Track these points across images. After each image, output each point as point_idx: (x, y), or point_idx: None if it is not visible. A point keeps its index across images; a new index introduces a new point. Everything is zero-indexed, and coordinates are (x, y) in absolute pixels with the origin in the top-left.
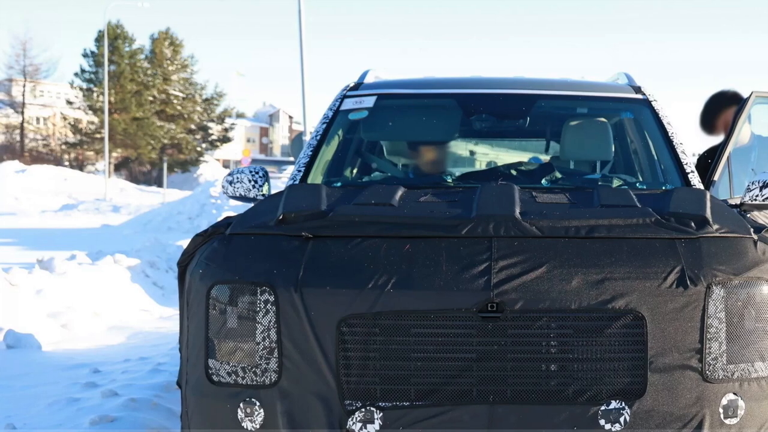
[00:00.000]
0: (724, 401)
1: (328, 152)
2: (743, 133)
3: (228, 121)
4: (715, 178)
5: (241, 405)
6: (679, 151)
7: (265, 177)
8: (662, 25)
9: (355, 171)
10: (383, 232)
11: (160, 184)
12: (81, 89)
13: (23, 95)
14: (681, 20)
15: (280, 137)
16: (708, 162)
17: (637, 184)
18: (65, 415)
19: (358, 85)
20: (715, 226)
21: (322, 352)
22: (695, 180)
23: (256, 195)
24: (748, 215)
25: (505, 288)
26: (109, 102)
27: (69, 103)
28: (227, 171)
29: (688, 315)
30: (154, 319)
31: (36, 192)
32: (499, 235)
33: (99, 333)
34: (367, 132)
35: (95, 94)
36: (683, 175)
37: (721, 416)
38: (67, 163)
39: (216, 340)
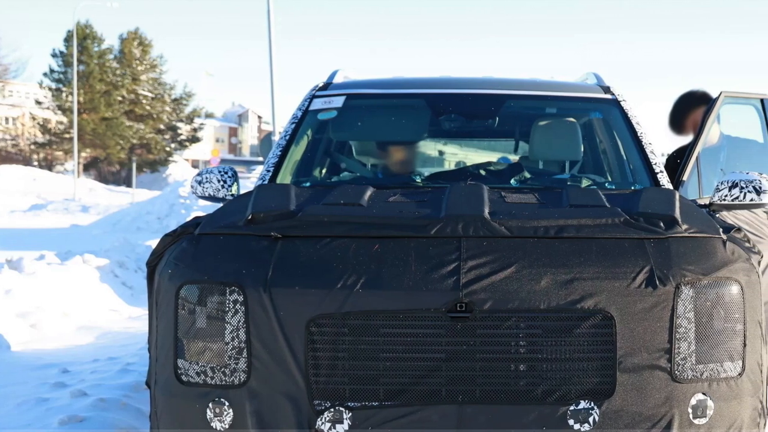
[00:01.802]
0: (693, 401)
1: (297, 152)
2: (712, 133)
3: (197, 121)
4: (684, 178)
5: (210, 405)
6: (648, 151)
7: (234, 177)
8: (631, 26)
9: (324, 171)
10: (352, 232)
11: (129, 184)
12: (50, 89)
13: None
14: (650, 20)
15: (249, 137)
16: (677, 162)
17: (606, 184)
18: (34, 415)
19: (327, 85)
20: (684, 226)
21: (291, 352)
22: (664, 180)
23: (225, 195)
24: (717, 215)
25: (474, 288)
26: (78, 102)
27: (38, 103)
28: (196, 171)
29: (657, 315)
30: (123, 319)
31: (5, 192)
32: (468, 235)
33: (68, 333)
34: (336, 132)
35: (64, 94)
36: (652, 175)
37: (690, 416)
38: (36, 163)
39: (185, 340)
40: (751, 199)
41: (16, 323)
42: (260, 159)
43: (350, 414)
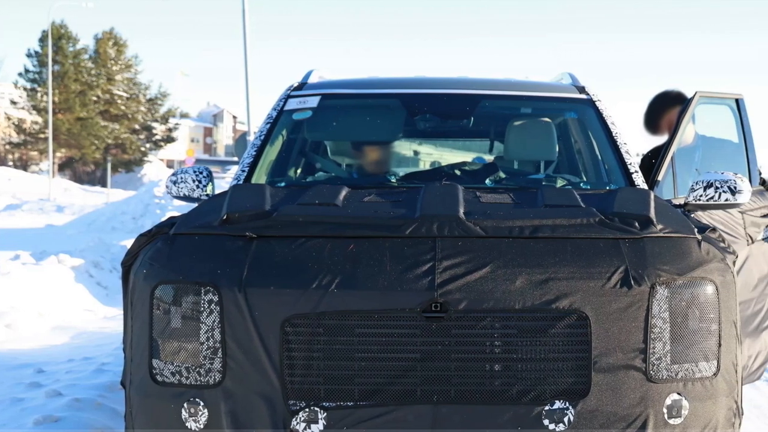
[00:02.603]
0: (668, 401)
1: (272, 152)
2: (687, 133)
3: (172, 121)
4: (659, 178)
5: (185, 405)
6: (623, 150)
7: (209, 177)
8: (606, 26)
9: (299, 171)
10: (327, 232)
11: (104, 184)
12: (25, 89)
13: None
14: (625, 20)
15: (224, 137)
16: (652, 162)
17: (581, 184)
18: (9, 415)
19: (302, 85)
20: (659, 226)
21: (266, 352)
22: (639, 180)
23: (200, 195)
24: (692, 215)
25: (449, 288)
26: (53, 102)
27: (13, 103)
28: (171, 171)
29: (632, 315)
30: (98, 319)
31: None
32: (443, 235)
33: (43, 333)
34: (311, 132)
35: (39, 94)
36: (627, 175)
37: (665, 416)
38: (11, 163)
39: (160, 340)
40: (726, 199)
41: None
42: (235, 159)
43: (325, 414)
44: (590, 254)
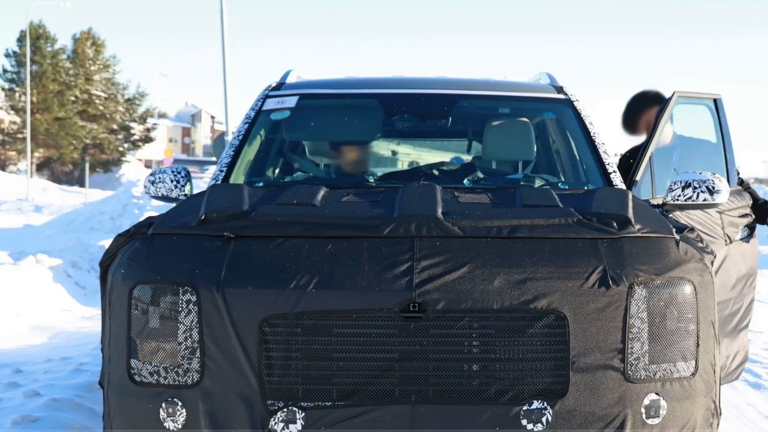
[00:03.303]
0: (646, 401)
1: (250, 152)
2: (665, 133)
3: (150, 121)
4: (638, 178)
5: (163, 405)
6: (601, 151)
7: (187, 177)
8: (584, 26)
9: (277, 171)
10: (305, 232)
11: (82, 184)
12: (3, 89)
13: None
14: (603, 20)
15: (203, 137)
16: (630, 162)
17: (559, 184)
18: None
19: (280, 85)
20: (637, 226)
21: (244, 352)
22: (617, 180)
23: (179, 195)
24: (670, 215)
25: (427, 288)
26: (31, 102)
27: None
28: (149, 171)
29: (610, 315)
30: (77, 319)
31: None
32: (421, 235)
33: (21, 333)
34: (289, 132)
35: (17, 94)
36: (605, 175)
37: (643, 416)
38: None
39: (138, 340)
40: (705, 199)
41: None
42: (213, 159)
43: (303, 414)
44: (568, 254)
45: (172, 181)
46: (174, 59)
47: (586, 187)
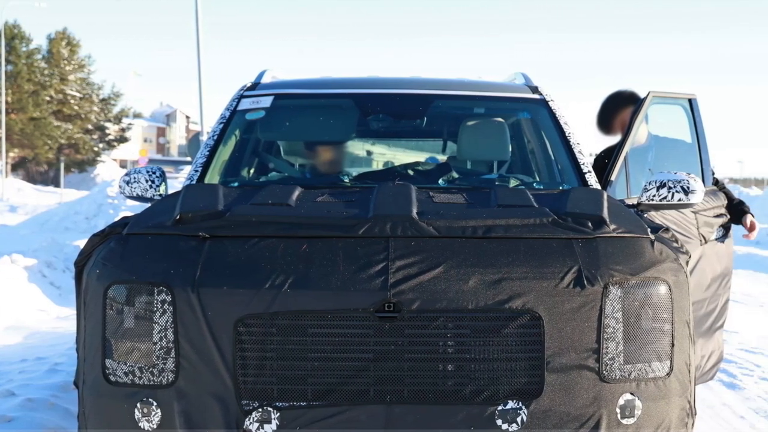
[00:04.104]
0: (621, 401)
1: (225, 152)
2: (640, 133)
3: (125, 121)
4: (612, 178)
5: (138, 405)
6: (576, 151)
7: (162, 177)
8: (559, 26)
9: (252, 171)
10: (280, 232)
11: (57, 184)
12: None
13: None
14: (578, 21)
15: (177, 137)
16: (605, 162)
17: (534, 184)
18: None
19: (255, 85)
20: (612, 226)
21: (219, 352)
22: (592, 180)
23: (153, 195)
24: (645, 215)
25: (402, 288)
26: (6, 102)
27: None
28: (124, 171)
29: (585, 315)
30: (51, 319)
31: None
32: (396, 235)
33: None
34: (264, 132)
35: None
36: (580, 175)
37: (618, 416)
38: None
39: (113, 340)
40: (679, 199)
41: None
42: (188, 159)
43: (278, 414)
44: (543, 254)
45: (147, 181)
46: (149, 59)
47: (561, 187)
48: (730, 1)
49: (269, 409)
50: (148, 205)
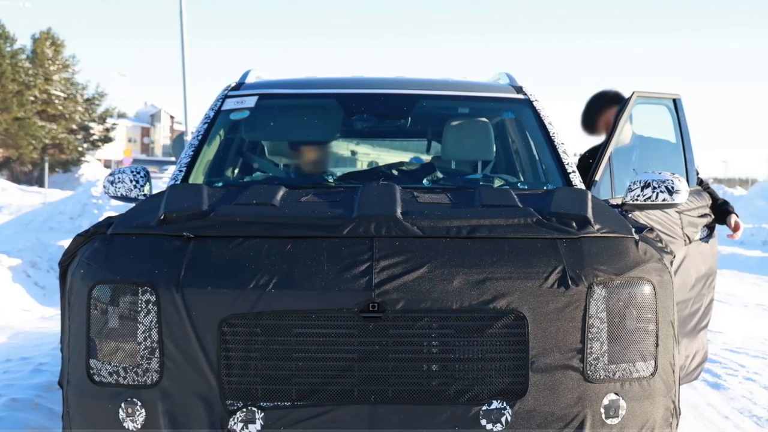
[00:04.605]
0: (605, 401)
1: (209, 152)
2: (625, 133)
3: (109, 121)
4: (597, 178)
5: (123, 405)
6: (560, 150)
7: (147, 177)
8: (544, 26)
9: (236, 171)
10: (265, 232)
11: (41, 184)
12: None
13: None
14: (563, 21)
15: (162, 137)
16: (589, 162)
17: (519, 184)
18: None
19: (240, 85)
20: (597, 226)
21: (203, 352)
22: (576, 180)
23: (138, 195)
24: (630, 215)
25: (386, 288)
26: None
27: None
28: (109, 171)
29: (569, 315)
30: (36, 319)
31: None
32: (380, 235)
33: None
34: (248, 132)
35: None
36: (564, 175)
37: (603, 416)
38: None
39: (97, 340)
40: (664, 199)
41: None
42: (173, 159)
43: (263, 414)
44: (528, 254)
45: (131, 181)
46: (133, 59)
47: (545, 187)
48: (715, 1)
49: (254, 409)
50: (133, 205)
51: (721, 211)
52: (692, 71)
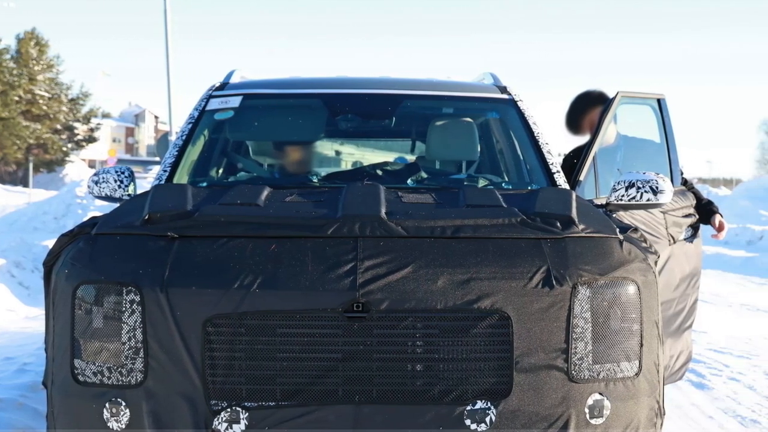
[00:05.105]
0: (589, 401)
1: (194, 152)
2: (609, 133)
3: (94, 121)
4: (581, 178)
5: (107, 405)
6: (544, 150)
7: (131, 177)
8: (529, 26)
9: (221, 171)
10: (249, 232)
11: (26, 184)
12: None
13: None
14: (548, 20)
15: (146, 137)
16: (574, 162)
17: (503, 184)
18: None
19: (224, 85)
20: (581, 226)
21: (187, 353)
22: (561, 180)
23: (122, 195)
24: (614, 215)
25: (370, 288)
26: None
27: None
28: (93, 171)
29: (553, 315)
30: (20, 319)
31: None
32: (364, 235)
33: None
34: (232, 132)
35: None
36: (549, 175)
37: (587, 416)
38: None
39: (82, 340)
40: (648, 199)
41: None
42: (157, 159)
43: (247, 414)
44: (512, 254)
45: (115, 181)
46: (117, 59)
47: (529, 187)
48: (700, 2)
49: (238, 409)
50: (117, 205)
51: (705, 211)
52: (677, 71)
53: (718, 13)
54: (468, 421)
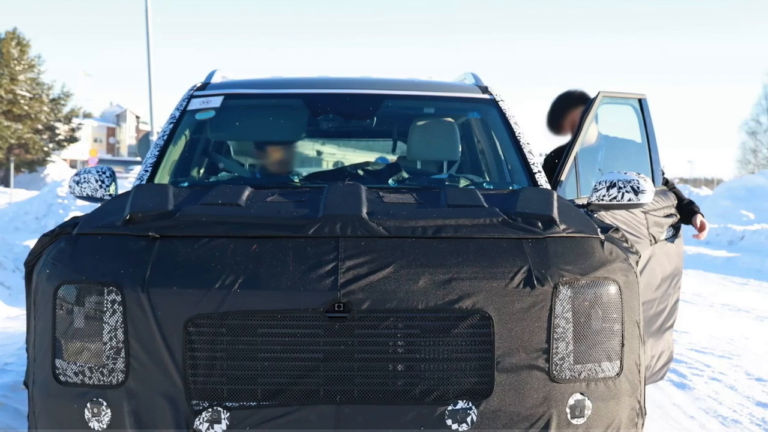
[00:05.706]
0: (571, 401)
1: (175, 152)
2: (590, 133)
3: (75, 121)
4: (562, 178)
5: (88, 405)
6: (526, 150)
7: (112, 177)
8: (509, 26)
9: (202, 171)
10: (230, 232)
11: (6, 184)
12: None
13: None
14: (528, 20)
15: (127, 137)
16: (555, 162)
17: (485, 184)
18: None
19: (205, 85)
20: (562, 226)
21: (169, 352)
22: (542, 180)
23: (104, 195)
24: (595, 215)
25: (352, 288)
26: None
27: None
28: (74, 171)
29: (535, 315)
30: (1, 319)
31: None
32: (346, 235)
33: None
34: (214, 132)
35: None
36: (530, 175)
37: (568, 416)
38: None
39: (63, 340)
40: (629, 199)
41: None
42: (138, 159)
43: (228, 414)
44: (493, 254)
45: (97, 181)
46: (99, 59)
47: (511, 187)
48: (681, 2)
49: (219, 409)
50: (98, 205)
51: (686, 211)
52: (658, 71)
53: (698, 13)
54: (449, 421)
